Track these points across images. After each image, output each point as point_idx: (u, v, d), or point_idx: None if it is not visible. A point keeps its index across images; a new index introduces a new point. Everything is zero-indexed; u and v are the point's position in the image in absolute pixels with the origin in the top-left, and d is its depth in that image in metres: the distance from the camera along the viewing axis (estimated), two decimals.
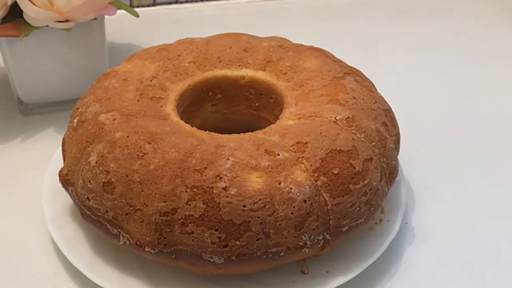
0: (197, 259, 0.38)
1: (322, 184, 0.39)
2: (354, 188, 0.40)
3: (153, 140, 0.41)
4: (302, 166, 0.39)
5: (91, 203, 0.41)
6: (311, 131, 0.41)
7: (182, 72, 0.49)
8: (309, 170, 0.39)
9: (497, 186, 0.53)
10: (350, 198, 0.40)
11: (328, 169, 0.40)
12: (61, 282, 0.44)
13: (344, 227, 0.40)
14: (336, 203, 0.39)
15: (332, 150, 0.40)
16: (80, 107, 0.46)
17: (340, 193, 0.39)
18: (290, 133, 0.42)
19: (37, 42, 0.55)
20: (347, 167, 0.40)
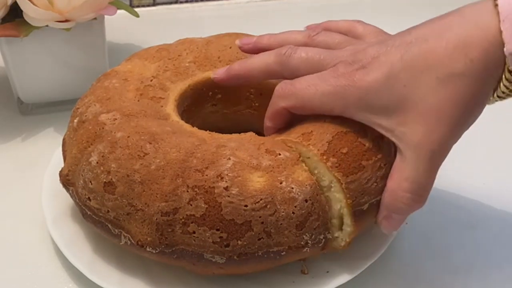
0: (199, 259, 0.38)
1: (332, 165, 0.39)
2: (367, 164, 0.39)
3: (154, 140, 0.41)
4: (311, 148, 0.39)
5: (92, 203, 0.41)
6: (316, 123, 0.41)
7: (182, 72, 0.49)
8: (317, 154, 0.39)
9: (497, 186, 0.53)
10: (365, 174, 0.39)
11: (336, 150, 0.39)
12: (61, 282, 0.44)
13: (364, 205, 0.39)
14: (350, 181, 0.39)
15: (338, 132, 0.40)
16: (81, 107, 0.46)
17: (352, 171, 0.39)
18: (296, 128, 0.42)
19: (37, 42, 0.55)
20: (356, 146, 0.40)
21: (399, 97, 0.37)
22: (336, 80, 0.39)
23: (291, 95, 0.41)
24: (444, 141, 0.37)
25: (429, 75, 0.36)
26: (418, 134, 0.37)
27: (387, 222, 0.41)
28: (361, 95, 0.38)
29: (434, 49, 0.36)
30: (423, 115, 0.37)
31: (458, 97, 0.36)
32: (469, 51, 0.35)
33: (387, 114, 0.38)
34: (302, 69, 0.42)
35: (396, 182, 0.39)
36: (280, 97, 0.42)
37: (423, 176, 0.38)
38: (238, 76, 0.45)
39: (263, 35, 0.47)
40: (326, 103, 0.40)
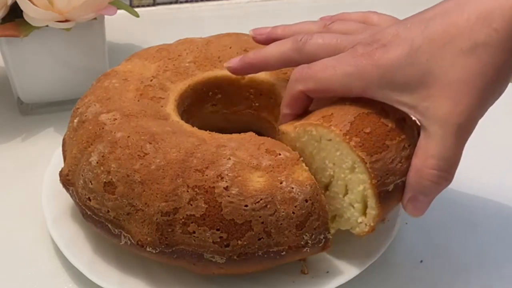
0: (199, 259, 0.38)
1: (355, 144, 0.38)
2: (391, 144, 0.38)
3: (154, 140, 0.41)
4: (333, 129, 0.38)
5: (92, 203, 0.41)
6: (336, 106, 0.41)
7: (182, 72, 0.49)
8: (340, 134, 0.38)
9: (497, 186, 0.53)
10: (389, 153, 0.38)
11: (359, 130, 0.38)
12: (61, 282, 0.44)
13: (389, 185, 0.38)
14: (375, 160, 0.38)
15: (359, 114, 0.39)
16: (81, 107, 0.46)
17: (376, 150, 0.38)
18: (314, 113, 0.42)
19: (37, 42, 0.55)
20: (379, 126, 0.39)
21: (422, 72, 0.36)
22: (356, 60, 0.38)
23: (309, 77, 0.40)
24: (470, 114, 0.36)
25: (452, 47, 0.35)
26: (443, 108, 0.36)
27: (413, 205, 0.39)
28: (382, 73, 0.37)
29: (456, 22, 0.36)
30: (447, 88, 0.36)
31: (483, 68, 0.35)
32: (492, 21, 0.34)
33: (409, 91, 0.37)
34: (319, 55, 0.41)
35: (421, 160, 0.37)
36: (298, 81, 0.41)
37: (450, 151, 0.37)
38: (253, 64, 0.44)
39: (277, 26, 0.46)
40: (345, 84, 0.39)
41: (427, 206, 0.39)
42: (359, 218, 0.40)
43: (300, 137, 0.41)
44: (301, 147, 0.41)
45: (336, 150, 0.39)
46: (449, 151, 0.37)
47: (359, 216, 0.40)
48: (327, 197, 0.41)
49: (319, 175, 0.41)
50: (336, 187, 0.40)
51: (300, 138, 0.41)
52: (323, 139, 0.39)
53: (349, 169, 0.39)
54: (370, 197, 0.38)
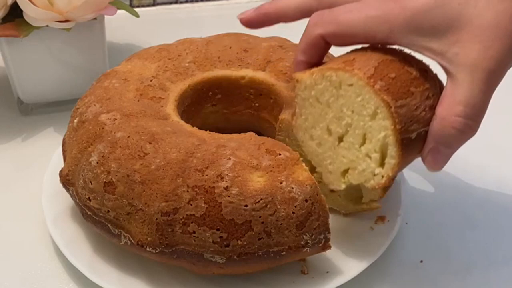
0: (199, 259, 0.38)
1: (380, 88, 0.36)
2: (416, 91, 0.37)
3: (154, 140, 0.41)
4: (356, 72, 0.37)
5: (92, 203, 0.41)
6: (357, 52, 0.40)
7: (182, 72, 0.49)
8: (364, 77, 0.37)
9: (497, 186, 0.53)
10: (413, 100, 0.37)
11: (384, 74, 0.37)
12: (61, 282, 0.44)
13: (412, 133, 0.37)
14: (400, 106, 0.36)
15: (383, 60, 0.38)
16: (80, 107, 0.46)
17: (402, 96, 0.37)
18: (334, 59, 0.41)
19: (37, 42, 0.55)
20: (403, 72, 0.38)
21: (452, 15, 0.35)
22: (382, 3, 0.37)
23: (330, 21, 0.38)
24: (501, 59, 0.35)
25: None
26: (474, 53, 0.35)
27: (433, 157, 0.38)
28: (409, 16, 0.36)
29: None
30: (479, 31, 0.35)
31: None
32: None
33: (438, 36, 0.36)
34: (340, 2, 0.39)
35: (447, 107, 0.36)
36: (317, 25, 0.39)
37: (478, 97, 0.35)
38: (269, 15, 0.42)
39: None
40: (369, 27, 0.37)
41: (447, 160, 0.38)
42: (376, 169, 0.38)
43: (317, 84, 0.40)
44: (317, 95, 0.40)
45: (357, 95, 0.37)
46: (477, 98, 0.35)
47: (376, 167, 0.38)
48: (341, 148, 0.40)
49: (334, 125, 0.40)
50: (352, 137, 0.39)
51: (316, 85, 0.40)
52: (344, 85, 0.38)
53: (370, 115, 0.37)
54: (391, 145, 0.37)
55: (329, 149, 0.41)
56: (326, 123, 0.40)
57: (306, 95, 0.41)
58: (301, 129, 0.43)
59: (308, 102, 0.41)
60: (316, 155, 0.42)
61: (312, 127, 0.42)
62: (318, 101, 0.40)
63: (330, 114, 0.40)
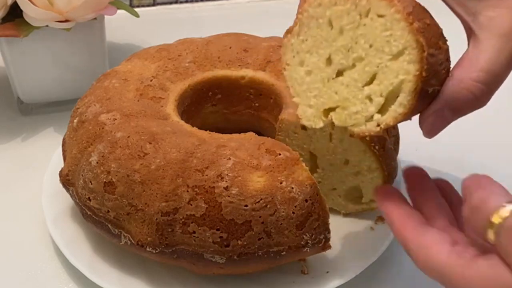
0: (199, 259, 0.38)
1: (418, 28, 0.33)
2: (443, 47, 0.35)
3: (154, 140, 0.41)
4: (395, 3, 0.33)
5: (92, 203, 0.41)
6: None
7: (182, 72, 0.50)
8: (403, 12, 0.33)
9: None
10: (440, 55, 0.35)
11: (420, 17, 0.34)
12: (61, 282, 0.44)
13: (430, 87, 0.35)
14: (431, 54, 0.34)
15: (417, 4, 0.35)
16: (80, 107, 0.46)
17: (433, 45, 0.34)
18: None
19: (37, 42, 0.55)
20: (435, 24, 0.35)
21: None
22: None
23: None
24: None
25: None
26: (509, 21, 0.33)
27: (433, 120, 0.35)
28: None
29: None
30: None
31: None
32: None
33: None
34: None
35: (467, 70, 0.34)
36: None
37: (502, 68, 0.34)
38: None
39: None
40: None
41: (443, 127, 0.36)
42: (375, 115, 0.35)
43: (337, 4, 0.35)
44: (332, 16, 0.36)
45: (386, 29, 0.34)
46: (501, 68, 0.34)
47: (374, 112, 0.35)
48: (337, 83, 0.36)
49: (338, 56, 0.36)
50: (358, 73, 0.35)
51: (336, 5, 0.35)
52: (372, 14, 0.34)
53: (393, 55, 0.34)
54: (406, 92, 0.33)
55: (319, 81, 0.37)
56: (329, 51, 0.36)
57: (317, 13, 0.36)
58: (292, 50, 0.38)
59: (315, 22, 0.36)
60: (299, 83, 0.38)
61: (308, 51, 0.37)
62: (330, 24, 0.36)
63: (339, 42, 0.36)
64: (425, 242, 0.34)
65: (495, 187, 0.32)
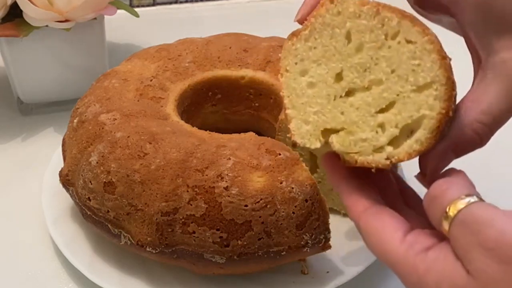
0: (199, 259, 0.38)
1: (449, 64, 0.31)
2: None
3: (154, 140, 0.41)
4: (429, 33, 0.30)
5: (92, 203, 0.41)
6: None
7: (182, 72, 0.49)
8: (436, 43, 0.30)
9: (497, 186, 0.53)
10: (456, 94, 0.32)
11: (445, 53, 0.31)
12: (61, 282, 0.44)
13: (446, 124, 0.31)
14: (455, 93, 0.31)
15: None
16: (80, 107, 0.46)
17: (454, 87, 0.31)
18: None
19: (37, 42, 0.55)
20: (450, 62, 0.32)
21: None
22: None
23: None
24: None
25: None
26: None
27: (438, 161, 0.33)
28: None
29: None
30: None
31: None
32: None
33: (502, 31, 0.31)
34: None
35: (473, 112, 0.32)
36: None
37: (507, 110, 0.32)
38: None
39: None
40: None
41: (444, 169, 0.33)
42: (386, 147, 0.31)
43: (361, 17, 0.32)
44: (352, 30, 0.32)
45: (414, 58, 0.30)
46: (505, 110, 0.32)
47: (385, 143, 0.31)
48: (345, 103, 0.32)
49: (352, 74, 0.32)
50: (373, 97, 0.32)
51: (360, 19, 0.32)
52: (401, 37, 0.31)
53: (419, 86, 0.30)
54: (426, 129, 0.30)
55: (324, 96, 0.33)
56: (341, 66, 0.32)
57: (335, 22, 0.32)
58: (296, 56, 0.34)
59: (330, 31, 0.32)
60: (298, 94, 0.34)
61: (316, 61, 0.33)
62: (348, 36, 0.32)
63: (355, 59, 0.32)
64: (377, 227, 0.31)
65: (458, 179, 0.30)
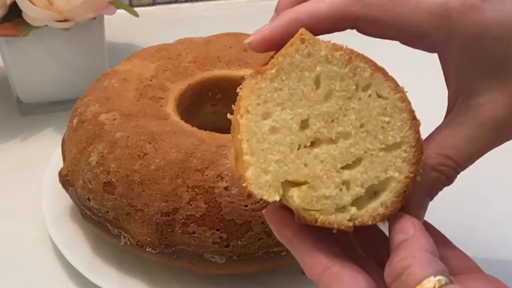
0: (199, 259, 0.38)
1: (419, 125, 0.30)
2: None
3: (153, 140, 0.40)
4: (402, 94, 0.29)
5: (92, 204, 0.41)
6: None
7: (182, 72, 0.49)
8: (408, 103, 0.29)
9: (497, 186, 0.53)
10: None
11: None
12: (61, 282, 0.44)
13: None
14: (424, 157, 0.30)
15: None
16: (80, 107, 0.46)
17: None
18: None
19: (36, 42, 0.55)
20: None
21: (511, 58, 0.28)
22: None
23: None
24: None
25: None
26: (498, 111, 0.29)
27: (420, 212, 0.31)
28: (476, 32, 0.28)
29: None
30: None
31: None
32: None
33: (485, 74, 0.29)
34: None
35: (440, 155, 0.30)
36: None
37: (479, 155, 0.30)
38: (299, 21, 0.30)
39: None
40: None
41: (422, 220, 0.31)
42: (350, 207, 0.29)
43: (332, 63, 0.29)
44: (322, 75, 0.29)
45: (385, 114, 0.29)
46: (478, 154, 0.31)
47: (348, 203, 0.29)
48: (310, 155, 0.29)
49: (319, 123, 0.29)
50: (339, 151, 0.29)
51: (331, 64, 0.29)
52: (372, 91, 0.29)
53: (387, 145, 0.29)
54: (393, 192, 0.29)
55: (287, 145, 0.29)
56: (308, 113, 0.29)
57: (304, 64, 0.29)
58: (258, 97, 0.29)
59: (299, 73, 0.29)
60: (258, 139, 0.29)
61: (281, 105, 0.29)
62: (317, 82, 0.29)
63: (323, 107, 0.29)
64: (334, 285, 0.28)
65: (421, 251, 0.27)
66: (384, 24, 0.30)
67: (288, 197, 0.29)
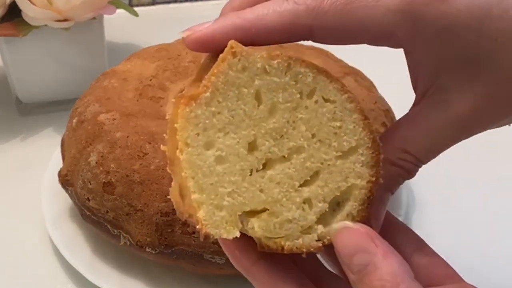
0: (198, 259, 0.38)
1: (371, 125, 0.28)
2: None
3: (153, 140, 0.40)
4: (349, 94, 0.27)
5: (91, 204, 0.41)
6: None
7: (182, 72, 0.49)
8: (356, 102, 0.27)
9: (497, 186, 0.53)
10: None
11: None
12: (60, 282, 0.44)
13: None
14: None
15: None
16: (79, 107, 0.46)
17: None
18: None
19: (36, 42, 0.55)
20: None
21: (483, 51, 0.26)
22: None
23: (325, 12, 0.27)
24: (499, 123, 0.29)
25: None
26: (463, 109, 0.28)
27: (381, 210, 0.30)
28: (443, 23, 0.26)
29: None
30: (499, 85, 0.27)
31: None
32: None
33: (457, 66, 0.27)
34: None
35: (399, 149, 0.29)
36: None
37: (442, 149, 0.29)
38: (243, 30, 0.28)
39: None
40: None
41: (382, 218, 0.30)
42: (316, 226, 0.27)
43: (271, 74, 0.27)
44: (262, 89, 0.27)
45: (335, 119, 0.27)
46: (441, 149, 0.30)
47: (314, 222, 0.27)
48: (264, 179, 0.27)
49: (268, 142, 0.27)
50: (294, 168, 0.27)
51: (270, 75, 0.27)
52: (318, 96, 0.27)
53: (343, 152, 0.27)
54: (357, 201, 0.27)
55: (238, 173, 0.26)
56: (254, 133, 0.26)
57: (242, 81, 0.26)
58: (196, 126, 0.26)
59: (236, 91, 0.26)
60: (205, 173, 0.26)
61: (222, 130, 0.26)
62: (258, 98, 0.27)
63: (269, 123, 0.27)
64: None
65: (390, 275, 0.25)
66: (343, 32, 0.28)
67: (248, 229, 0.26)
